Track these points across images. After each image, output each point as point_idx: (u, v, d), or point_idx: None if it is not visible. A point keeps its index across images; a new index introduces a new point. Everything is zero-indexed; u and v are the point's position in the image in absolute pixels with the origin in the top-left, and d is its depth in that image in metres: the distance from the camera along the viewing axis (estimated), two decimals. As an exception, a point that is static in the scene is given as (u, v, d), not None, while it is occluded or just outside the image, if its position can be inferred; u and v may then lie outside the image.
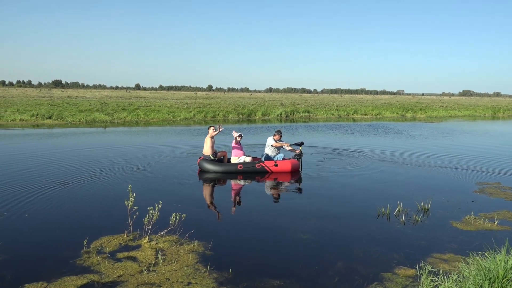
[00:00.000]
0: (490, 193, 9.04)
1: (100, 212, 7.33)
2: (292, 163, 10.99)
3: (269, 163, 10.93)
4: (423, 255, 5.52)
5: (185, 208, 7.55)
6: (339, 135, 21.18)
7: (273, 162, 10.94)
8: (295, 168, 11.02)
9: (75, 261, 5.16)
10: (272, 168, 10.89)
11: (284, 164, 10.95)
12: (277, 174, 10.80)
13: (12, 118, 25.55)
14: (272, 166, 10.89)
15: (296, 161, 11.13)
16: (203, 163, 10.99)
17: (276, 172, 10.90)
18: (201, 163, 11.02)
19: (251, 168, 10.86)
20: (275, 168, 10.89)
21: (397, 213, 7.38)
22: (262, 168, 10.88)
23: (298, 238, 6.17)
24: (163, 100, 51.30)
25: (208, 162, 10.96)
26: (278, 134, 11.41)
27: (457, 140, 19.50)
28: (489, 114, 47.25)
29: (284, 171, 10.93)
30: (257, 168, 10.86)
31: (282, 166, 10.91)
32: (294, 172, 11.00)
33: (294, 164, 11.03)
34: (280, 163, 10.95)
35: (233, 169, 10.88)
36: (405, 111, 42.94)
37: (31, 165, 11.24)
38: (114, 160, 12.38)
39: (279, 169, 10.91)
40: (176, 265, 5.12)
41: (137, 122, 27.65)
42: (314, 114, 37.65)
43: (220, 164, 10.97)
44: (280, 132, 11.48)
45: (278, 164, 10.90)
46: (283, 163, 10.97)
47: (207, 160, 11.01)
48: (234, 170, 10.88)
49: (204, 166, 10.95)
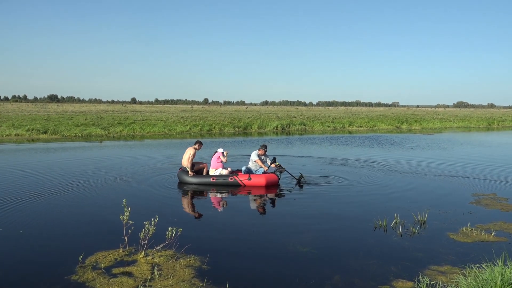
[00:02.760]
0: (486, 204, 9.06)
1: (95, 227, 7.27)
2: (267, 178, 10.78)
3: (243, 176, 10.83)
4: (420, 268, 5.50)
5: (181, 222, 7.52)
6: (334, 147, 21.23)
7: (247, 176, 10.83)
8: (270, 182, 10.80)
9: (70, 277, 5.10)
10: (245, 181, 10.74)
11: (258, 178, 10.79)
12: (251, 188, 10.64)
13: (7, 133, 25.43)
14: (245, 180, 10.75)
15: (274, 175, 10.95)
16: (179, 174, 11.15)
17: (250, 186, 10.73)
18: (178, 173, 11.16)
19: (224, 181, 10.83)
20: (248, 182, 10.74)
21: (394, 225, 7.37)
22: (234, 181, 10.78)
23: (294, 251, 6.14)
24: (159, 114, 51.34)
25: (184, 173, 11.08)
26: (263, 148, 11.39)
27: (452, 152, 19.59)
28: (484, 125, 47.58)
29: (257, 185, 10.72)
30: (230, 182, 10.80)
31: (255, 180, 10.75)
32: (270, 186, 10.77)
33: (270, 179, 10.82)
34: (254, 177, 10.80)
35: (206, 181, 10.88)
36: (400, 123, 43.18)
37: (23, 180, 11.16)
38: (109, 174, 12.31)
39: (252, 183, 10.73)
40: (172, 280, 5.07)
41: (133, 136, 27.61)
42: (310, 127, 37.78)
43: (194, 176, 11.00)
44: (265, 147, 11.44)
45: (252, 178, 10.77)
46: (257, 177, 10.81)
47: (184, 171, 11.15)
48: (207, 182, 10.86)
49: (179, 176, 11.09)
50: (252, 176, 10.82)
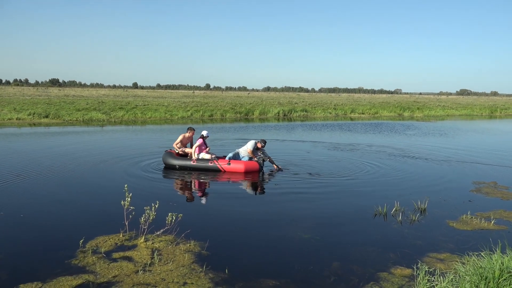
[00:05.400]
0: (486, 192, 9.05)
1: (96, 212, 7.30)
2: (246, 165, 10.75)
3: (223, 161, 10.85)
4: (419, 255, 5.52)
5: (181, 207, 7.55)
6: (336, 133, 21.17)
7: (227, 161, 10.84)
8: (250, 169, 10.75)
9: (71, 261, 5.13)
10: (225, 166, 10.77)
11: (237, 164, 10.78)
12: (230, 174, 10.65)
13: (9, 117, 25.44)
14: (225, 165, 10.77)
15: (254, 162, 10.89)
16: (163, 156, 11.34)
17: (229, 171, 10.76)
18: (163, 156, 11.37)
19: (204, 165, 10.88)
20: (227, 167, 10.76)
21: (394, 212, 7.38)
22: (214, 166, 10.83)
23: (294, 238, 6.16)
24: (160, 99, 51.19)
25: (168, 155, 11.26)
26: (262, 143, 11.29)
27: (454, 139, 19.53)
28: (487, 113, 47.37)
29: (236, 171, 10.74)
30: (210, 166, 10.85)
31: (234, 166, 10.76)
32: (250, 173, 10.72)
33: (250, 166, 10.78)
34: (233, 162, 10.82)
35: (187, 164, 10.98)
36: (402, 110, 42.99)
37: (24, 164, 11.19)
38: (110, 158, 12.33)
39: (231, 169, 10.75)
40: (172, 265, 5.10)
41: (134, 121, 27.58)
42: (311, 113, 37.66)
43: (176, 158, 11.16)
44: (264, 143, 11.33)
45: (231, 163, 10.79)
46: (236, 163, 10.82)
47: (168, 154, 11.32)
48: (188, 165, 10.97)
49: (163, 159, 11.28)
50: (232, 162, 10.83)
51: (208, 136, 11.56)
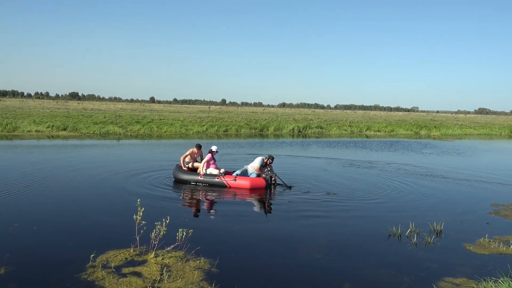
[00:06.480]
0: (505, 215, 8.80)
1: (107, 226, 7.32)
2: (252, 181, 10.71)
3: (229, 177, 10.88)
4: (434, 279, 5.36)
5: (192, 223, 7.52)
6: (351, 150, 20.99)
7: (233, 177, 10.85)
8: (256, 186, 10.68)
9: (80, 276, 5.13)
10: (230, 182, 10.79)
11: (243, 180, 10.77)
12: (236, 190, 10.62)
13: (28, 129, 25.99)
14: (230, 181, 10.80)
15: (260, 179, 10.83)
16: (174, 170, 11.59)
17: (235, 187, 10.74)
18: (173, 170, 11.61)
19: (211, 180, 10.95)
20: (233, 183, 10.77)
21: (409, 233, 7.22)
22: (220, 181, 10.85)
23: (306, 257, 6.06)
24: (176, 114, 51.74)
25: (178, 169, 11.48)
26: (270, 160, 11.26)
27: (471, 158, 19.16)
28: (506, 133, 46.43)
29: (242, 187, 10.71)
30: (216, 181, 10.87)
31: (240, 182, 10.75)
32: (256, 189, 10.63)
33: (256, 182, 10.72)
34: (239, 178, 10.82)
35: (194, 178, 11.09)
36: (419, 129, 42.50)
37: (41, 176, 11.34)
38: (123, 172, 12.41)
39: (237, 185, 10.74)
40: (181, 282, 5.05)
41: (150, 135, 27.87)
42: (326, 130, 37.51)
43: (185, 173, 11.30)
44: (272, 159, 11.30)
45: (237, 179, 10.79)
46: (242, 179, 10.81)
47: (179, 167, 11.55)
48: (195, 179, 11.08)
49: (173, 172, 11.55)
50: (238, 178, 10.84)
51: (217, 152, 11.61)
